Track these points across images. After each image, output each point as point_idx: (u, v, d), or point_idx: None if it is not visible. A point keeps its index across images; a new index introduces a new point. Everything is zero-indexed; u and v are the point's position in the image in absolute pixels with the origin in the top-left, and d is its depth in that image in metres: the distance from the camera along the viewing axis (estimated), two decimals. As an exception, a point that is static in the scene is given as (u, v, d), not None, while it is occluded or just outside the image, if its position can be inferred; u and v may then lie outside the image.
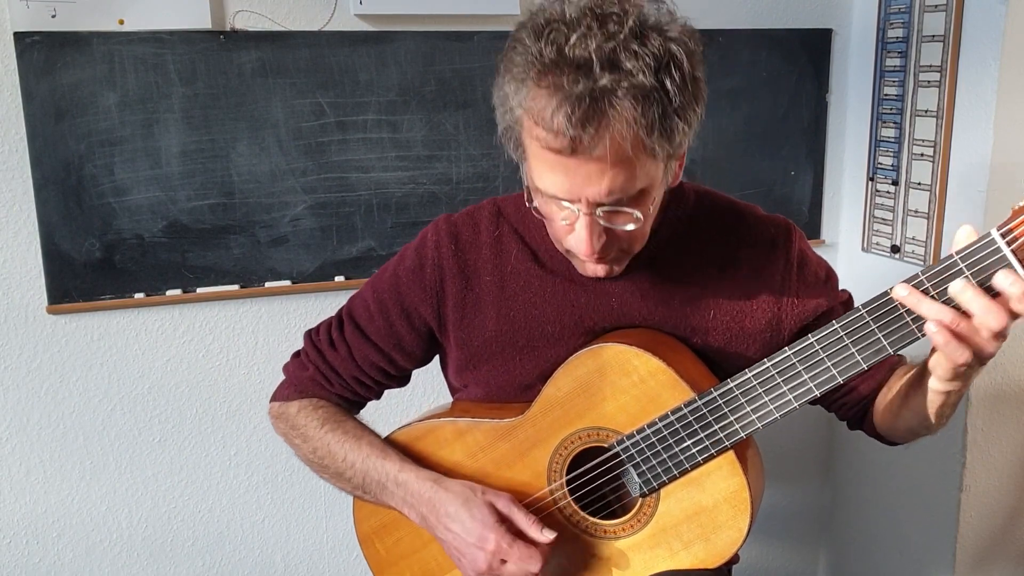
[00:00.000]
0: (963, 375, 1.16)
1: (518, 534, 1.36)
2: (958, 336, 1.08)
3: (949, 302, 1.09)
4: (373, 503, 1.49)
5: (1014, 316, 1.07)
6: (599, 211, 1.18)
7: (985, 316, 1.06)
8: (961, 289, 1.08)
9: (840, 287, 1.48)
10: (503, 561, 1.34)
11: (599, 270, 1.28)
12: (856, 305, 1.27)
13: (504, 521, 1.36)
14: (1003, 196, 2.05)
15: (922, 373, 1.25)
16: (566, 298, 1.41)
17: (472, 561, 1.35)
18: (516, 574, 1.34)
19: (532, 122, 1.12)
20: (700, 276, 1.40)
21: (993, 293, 1.07)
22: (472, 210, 1.47)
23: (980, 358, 1.11)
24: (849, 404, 1.46)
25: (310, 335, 1.56)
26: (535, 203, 1.24)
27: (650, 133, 1.10)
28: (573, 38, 1.09)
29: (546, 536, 1.35)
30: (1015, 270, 1.05)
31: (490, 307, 1.43)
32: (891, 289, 1.14)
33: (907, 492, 2.40)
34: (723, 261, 1.40)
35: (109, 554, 2.22)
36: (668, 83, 1.10)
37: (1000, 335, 1.08)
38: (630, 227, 1.21)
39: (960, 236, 1.11)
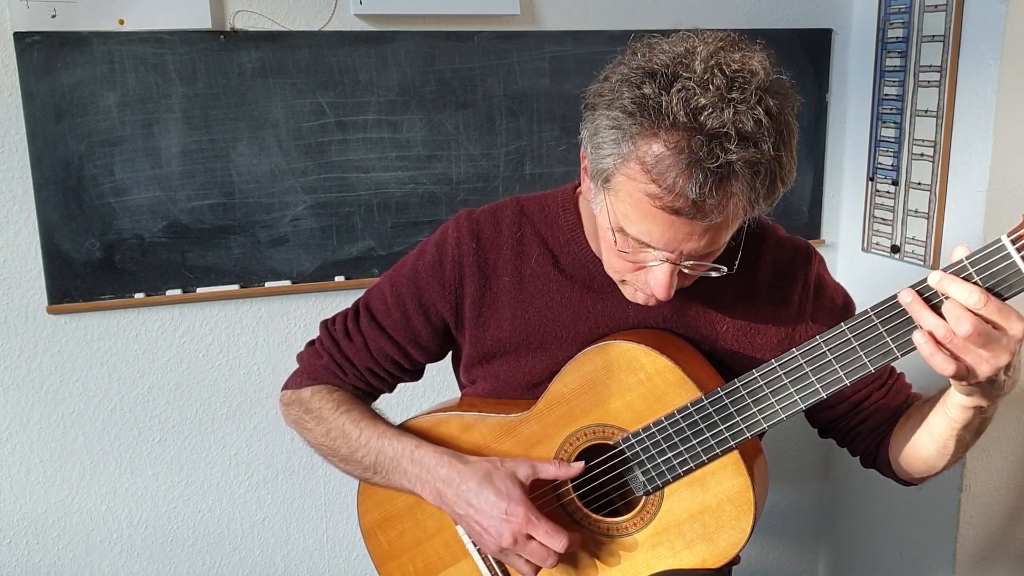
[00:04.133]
0: (982, 391, 1.15)
1: (541, 508, 1.35)
2: (943, 347, 1.09)
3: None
4: (383, 485, 1.48)
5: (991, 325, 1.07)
6: (686, 262, 1.19)
7: (956, 324, 1.06)
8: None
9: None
10: (528, 537, 1.33)
11: (652, 301, 1.27)
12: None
13: (528, 492, 1.35)
14: (1003, 196, 2.06)
15: (943, 395, 1.25)
16: (583, 305, 1.41)
17: (498, 534, 1.33)
18: (538, 553, 1.33)
19: (647, 177, 1.10)
20: (717, 290, 1.39)
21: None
22: (494, 207, 1.46)
23: (976, 375, 1.11)
24: (864, 434, 1.44)
25: (326, 324, 1.56)
26: (616, 238, 1.22)
27: (757, 200, 1.12)
28: (705, 102, 1.07)
29: (574, 467, 1.36)
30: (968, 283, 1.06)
31: (506, 308, 1.43)
32: (896, 296, 1.13)
33: (907, 492, 2.38)
34: (741, 277, 1.40)
35: (109, 554, 2.21)
36: (783, 152, 1.11)
37: (982, 344, 1.08)
38: (713, 275, 1.23)
39: (956, 254, 1.10)
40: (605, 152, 1.15)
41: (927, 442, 1.31)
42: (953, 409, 1.22)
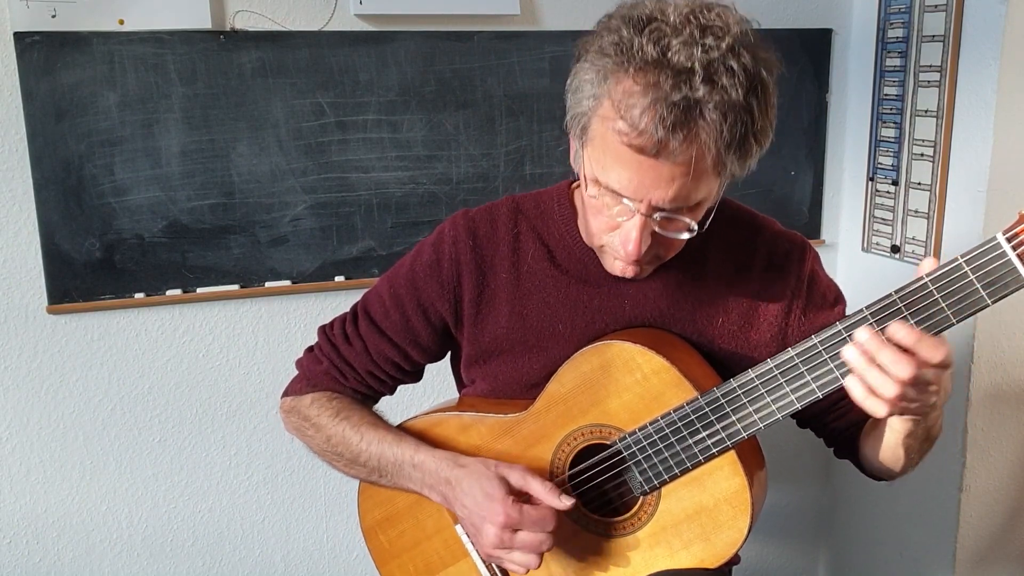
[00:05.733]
0: (912, 420, 1.19)
1: (529, 503, 1.34)
2: (872, 389, 1.10)
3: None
4: (390, 487, 1.49)
5: (934, 366, 1.08)
6: (656, 215, 1.19)
7: (893, 367, 1.07)
8: (866, 340, 1.09)
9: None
10: (515, 531, 1.32)
11: (629, 270, 1.27)
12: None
13: (515, 493, 1.34)
14: (1003, 196, 2.05)
15: None
16: (579, 300, 1.42)
17: (486, 535, 1.33)
18: (529, 542, 1.32)
19: (616, 114, 1.12)
20: (713, 283, 1.41)
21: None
22: (490, 206, 1.47)
23: (912, 409, 1.14)
24: (841, 427, 1.45)
25: (324, 330, 1.55)
26: (589, 191, 1.23)
27: (728, 150, 1.12)
28: (676, 43, 1.09)
29: (565, 502, 1.33)
30: (908, 321, 1.08)
31: (504, 304, 1.43)
32: (891, 294, 1.14)
33: (907, 492, 2.41)
34: (736, 270, 1.42)
35: (109, 554, 2.22)
36: (755, 105, 1.12)
37: (915, 385, 1.09)
38: (683, 236, 1.23)
39: (924, 267, 1.11)
40: (583, 95, 1.18)
41: (882, 448, 1.33)
42: (893, 421, 1.24)
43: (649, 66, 1.10)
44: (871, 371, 1.08)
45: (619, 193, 1.17)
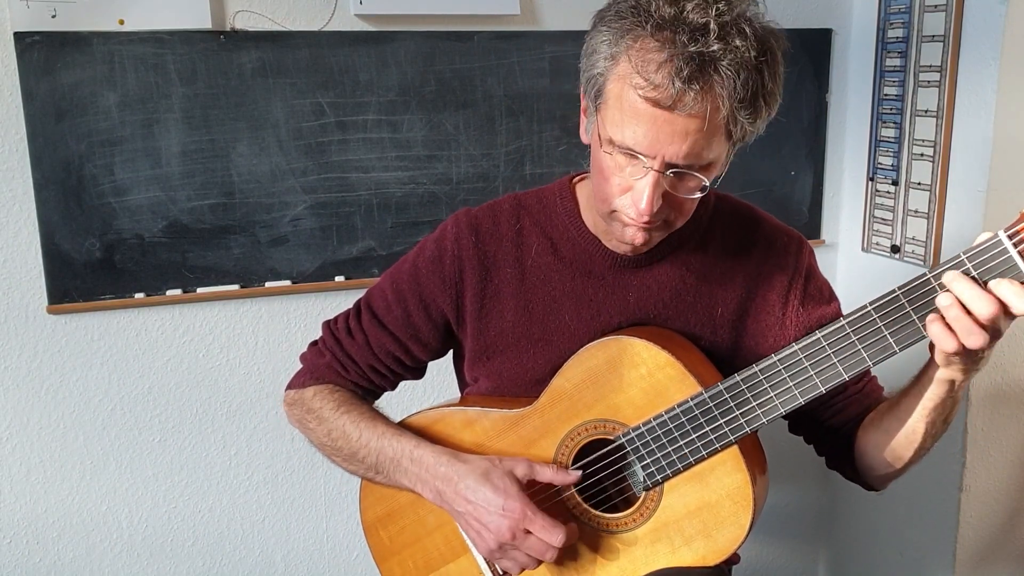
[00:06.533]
0: (962, 365, 1.17)
1: (540, 504, 1.36)
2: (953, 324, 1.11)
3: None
4: (386, 484, 1.49)
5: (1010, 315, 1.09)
6: (668, 172, 1.20)
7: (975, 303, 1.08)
8: (964, 288, 1.09)
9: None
10: (526, 532, 1.33)
11: (639, 237, 1.28)
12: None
13: (526, 488, 1.36)
14: (1003, 196, 2.05)
15: (917, 378, 1.27)
16: (584, 292, 1.42)
17: (496, 531, 1.34)
18: (536, 547, 1.34)
19: (634, 70, 1.15)
20: (713, 273, 1.43)
21: None
22: (492, 204, 1.49)
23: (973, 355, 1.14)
24: (835, 427, 1.45)
25: (328, 324, 1.57)
26: (604, 151, 1.24)
27: (740, 108, 1.15)
28: (691, 5, 1.14)
29: (572, 476, 1.37)
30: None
31: (509, 298, 1.44)
32: (895, 290, 1.14)
33: (907, 492, 2.40)
34: (736, 261, 1.43)
35: (109, 554, 2.21)
36: (764, 67, 1.16)
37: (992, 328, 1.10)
38: (696, 195, 1.25)
39: (980, 242, 1.11)
40: (597, 58, 1.21)
41: (897, 428, 1.32)
42: (929, 386, 1.24)
43: (666, 23, 1.13)
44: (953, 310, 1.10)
45: (633, 150, 1.19)
